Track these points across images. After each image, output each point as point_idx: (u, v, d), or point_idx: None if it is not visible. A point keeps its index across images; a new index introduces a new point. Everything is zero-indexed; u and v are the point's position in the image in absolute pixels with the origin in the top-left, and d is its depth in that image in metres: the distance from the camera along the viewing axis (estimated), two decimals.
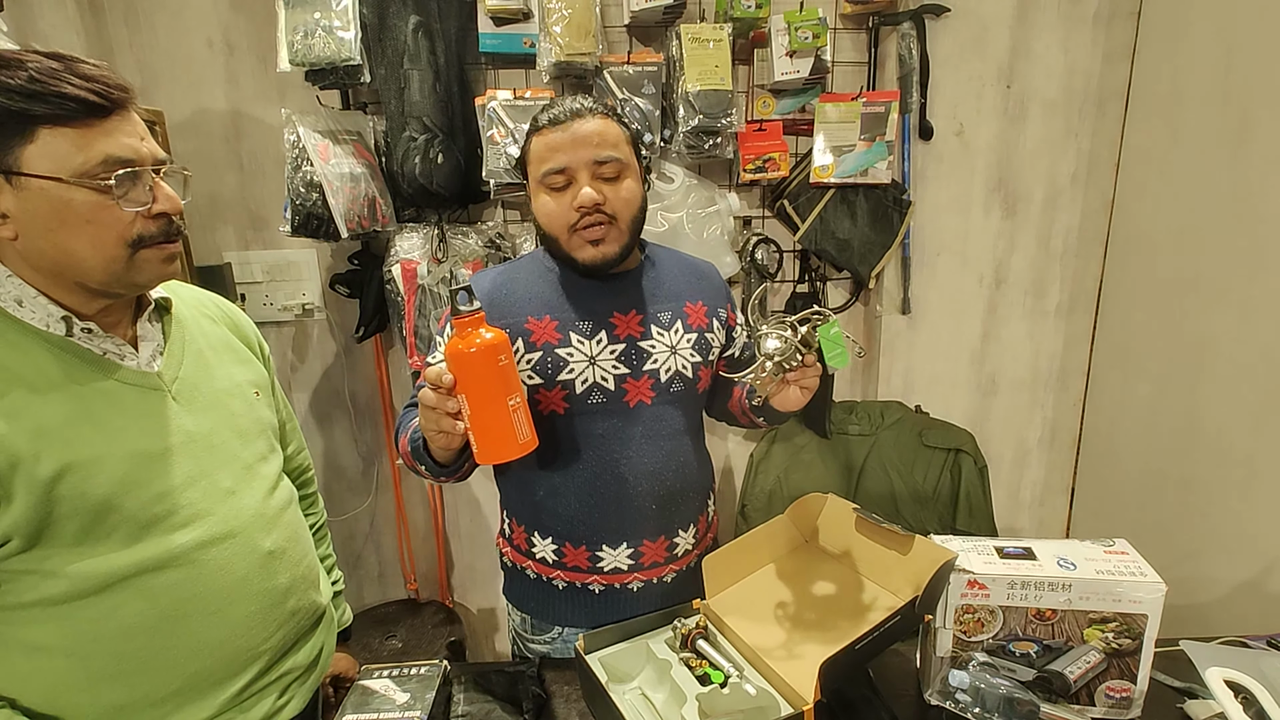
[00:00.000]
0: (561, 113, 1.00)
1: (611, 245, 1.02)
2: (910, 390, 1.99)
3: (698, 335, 1.10)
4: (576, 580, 1.12)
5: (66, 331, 0.76)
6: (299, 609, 0.92)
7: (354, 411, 1.97)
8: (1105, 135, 1.85)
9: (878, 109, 1.71)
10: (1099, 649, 0.93)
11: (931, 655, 0.98)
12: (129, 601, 0.76)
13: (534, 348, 1.04)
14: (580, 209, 0.99)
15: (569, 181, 1.00)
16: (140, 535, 0.77)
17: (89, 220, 0.72)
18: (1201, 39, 1.59)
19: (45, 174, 0.69)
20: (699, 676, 0.96)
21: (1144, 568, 0.93)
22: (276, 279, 1.86)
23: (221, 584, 0.82)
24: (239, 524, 0.85)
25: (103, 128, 0.72)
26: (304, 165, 1.56)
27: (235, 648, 0.84)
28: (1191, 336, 1.62)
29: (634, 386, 1.06)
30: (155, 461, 0.79)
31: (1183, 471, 1.65)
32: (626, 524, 1.08)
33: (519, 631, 1.21)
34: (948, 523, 1.83)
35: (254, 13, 1.70)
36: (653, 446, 1.07)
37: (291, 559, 0.92)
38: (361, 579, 2.12)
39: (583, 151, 0.98)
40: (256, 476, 0.90)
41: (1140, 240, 1.80)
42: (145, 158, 0.75)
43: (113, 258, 0.74)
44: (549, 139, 1.00)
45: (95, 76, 0.72)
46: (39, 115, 0.68)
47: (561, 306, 1.06)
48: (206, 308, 0.97)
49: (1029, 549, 0.99)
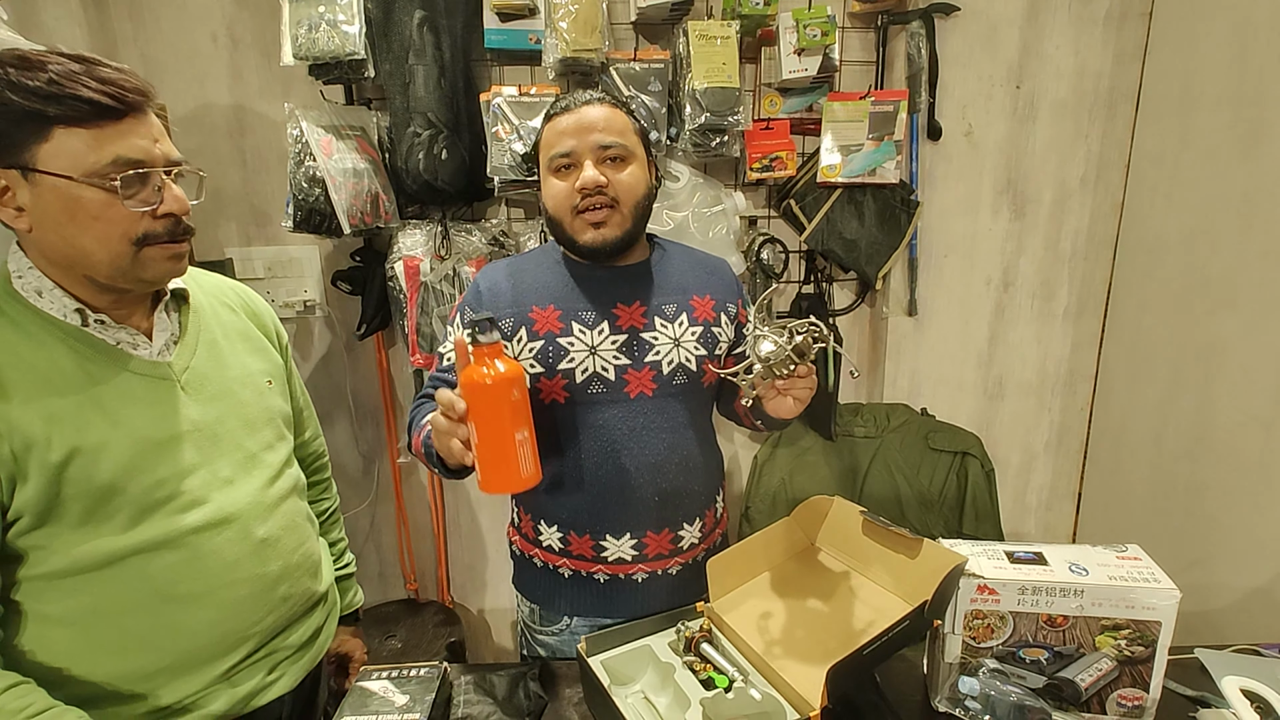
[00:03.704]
0: (572, 101, 1.04)
1: (613, 229, 1.03)
2: (916, 393, 1.97)
3: (703, 329, 1.10)
4: (582, 569, 1.12)
5: (82, 323, 0.80)
6: (291, 595, 0.95)
7: (355, 410, 1.95)
8: (1115, 137, 1.83)
9: (886, 108, 1.70)
10: (1111, 656, 0.91)
11: (940, 661, 0.96)
12: (129, 580, 0.81)
13: (536, 336, 1.05)
14: (582, 190, 1.01)
15: (574, 165, 1.02)
16: (141, 518, 0.81)
17: (96, 217, 0.75)
18: (1214, 41, 1.57)
19: (58, 172, 0.73)
20: (703, 681, 0.94)
21: (1157, 574, 0.91)
22: (278, 275, 1.85)
23: (214, 568, 0.86)
24: (235, 511, 0.88)
25: (116, 129, 0.75)
26: (307, 160, 1.54)
27: (225, 629, 0.88)
28: (1202, 340, 1.60)
29: (635, 377, 1.06)
30: (160, 449, 0.83)
31: (1193, 476, 1.63)
32: (629, 515, 1.09)
33: (527, 623, 1.22)
34: (954, 527, 1.81)
35: (258, 7, 1.69)
36: (654, 439, 1.07)
37: (285, 547, 0.94)
38: (361, 578, 2.06)
39: (589, 135, 1.01)
40: (258, 465, 0.93)
41: (1150, 243, 1.78)
42: (157, 159, 0.78)
43: (118, 254, 0.78)
44: (558, 124, 1.03)
45: (113, 80, 0.75)
46: (54, 116, 0.72)
47: (566, 296, 1.07)
48: (226, 295, 1.00)
49: (1040, 554, 0.97)
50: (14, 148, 0.72)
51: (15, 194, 0.74)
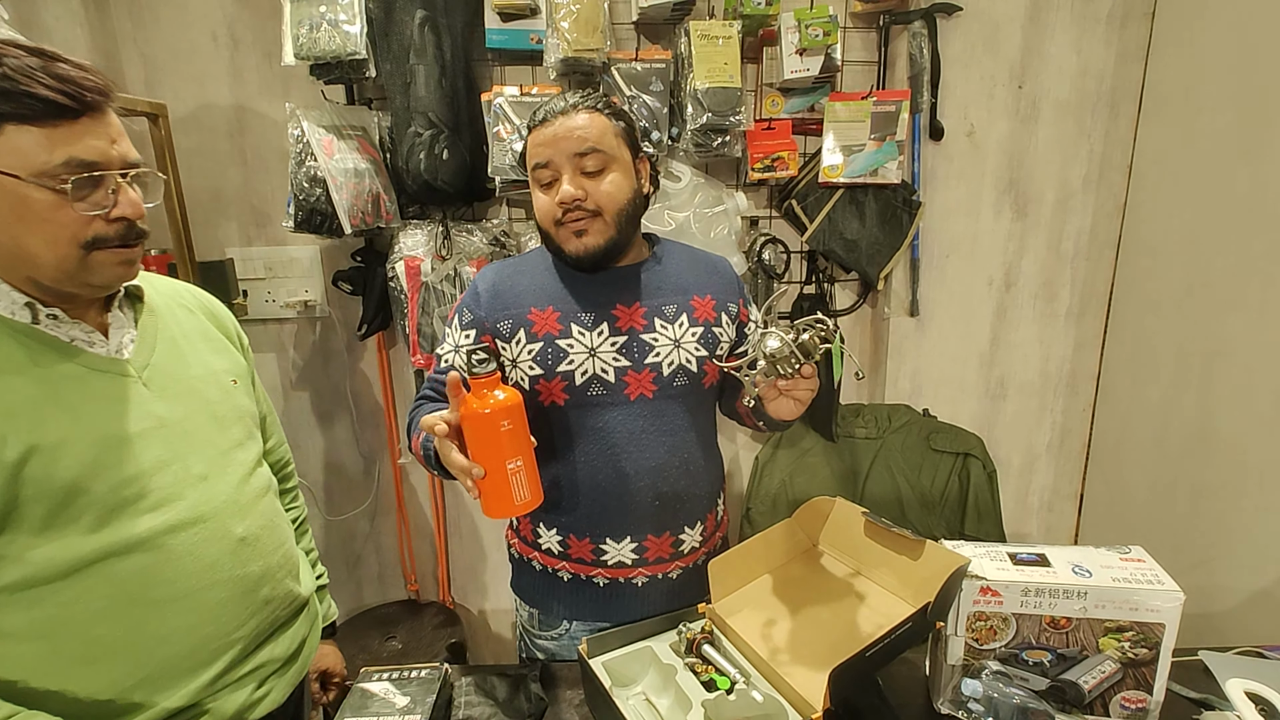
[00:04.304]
0: (549, 110, 1.03)
1: (596, 237, 1.03)
2: (918, 393, 1.97)
3: (704, 329, 1.09)
4: (581, 573, 1.11)
5: (32, 319, 0.76)
6: (273, 597, 0.92)
7: (355, 410, 1.95)
8: (1118, 137, 1.83)
9: (888, 108, 1.70)
10: (1114, 658, 0.91)
11: (942, 663, 0.96)
12: (96, 586, 0.76)
13: (535, 338, 1.04)
14: (561, 204, 1.01)
15: (555, 177, 1.02)
16: (108, 519, 0.76)
17: (44, 219, 0.71)
18: (1217, 40, 1.57)
19: (4, 170, 0.69)
20: (704, 682, 0.94)
21: (1161, 575, 0.91)
22: (279, 275, 1.84)
23: (190, 569, 0.82)
24: (210, 509, 0.84)
25: (71, 129, 0.71)
26: (308, 160, 1.54)
27: (205, 634, 0.83)
28: (1204, 341, 1.60)
29: (635, 379, 1.05)
30: (124, 445, 0.78)
31: (1195, 478, 1.63)
32: (629, 518, 1.08)
33: (526, 627, 1.21)
34: (955, 528, 1.81)
35: (259, 7, 1.69)
36: (654, 441, 1.06)
37: (265, 547, 0.91)
38: (361, 579, 2.10)
39: (564, 144, 1.00)
40: (232, 463, 0.90)
41: (1153, 243, 1.77)
42: (113, 161, 0.74)
43: (65, 256, 0.73)
44: (537, 135, 1.03)
45: (70, 78, 0.71)
46: (5, 113, 0.68)
47: (564, 298, 1.07)
48: (183, 297, 0.96)
49: (1043, 555, 0.97)
50: None
51: None
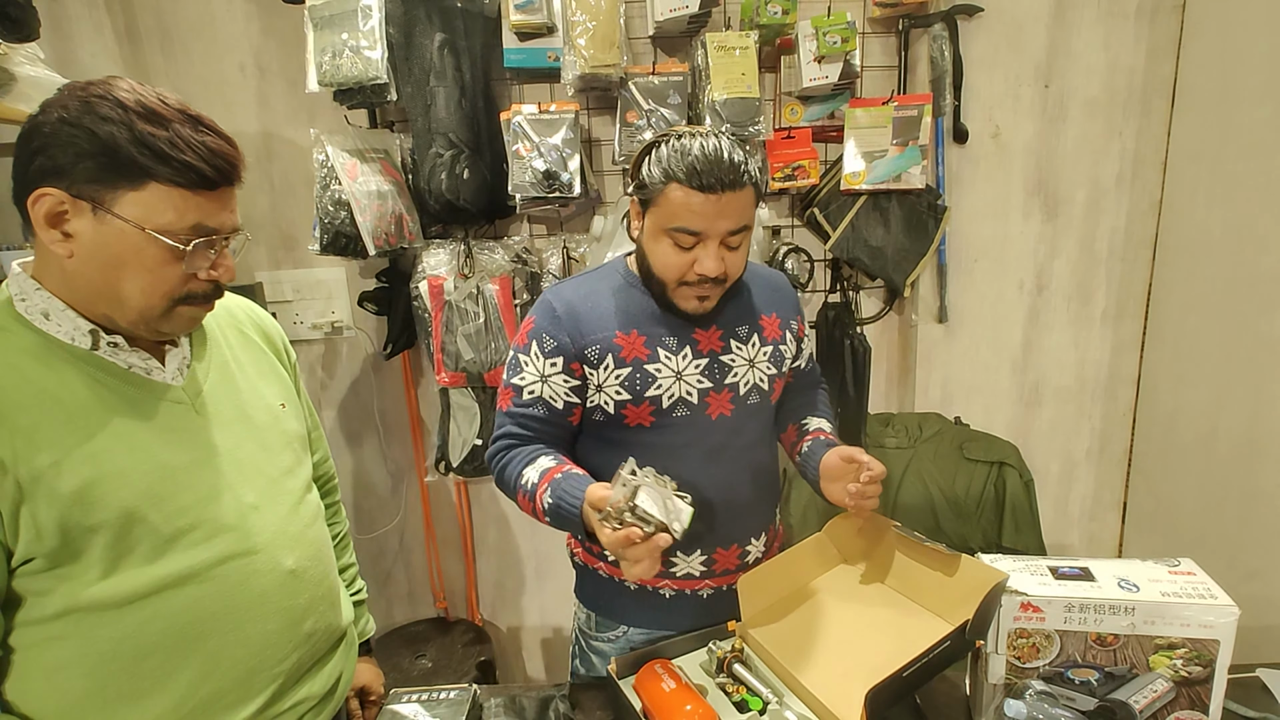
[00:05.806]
0: (718, 180, 0.93)
1: (714, 300, 1.04)
2: (949, 401, 1.92)
3: (773, 348, 1.12)
4: (648, 584, 1.13)
5: (93, 345, 0.76)
6: (315, 630, 0.91)
7: (383, 429, 1.97)
8: (1150, 134, 1.78)
9: (910, 113, 1.67)
10: (1166, 677, 0.87)
11: (983, 683, 0.92)
12: (151, 619, 0.76)
13: (624, 364, 1.04)
14: (701, 277, 0.98)
15: (697, 243, 0.97)
16: (164, 549, 0.77)
17: (150, 270, 0.74)
18: (1251, 30, 1.52)
19: (133, 219, 0.71)
20: (736, 703, 0.92)
21: (1213, 589, 0.87)
22: (306, 297, 1.87)
23: (241, 601, 0.82)
24: (261, 540, 0.84)
25: (206, 198, 0.75)
26: (332, 184, 1.57)
27: (249, 667, 0.83)
28: (1251, 339, 1.54)
29: (715, 400, 1.07)
30: (179, 474, 0.79)
31: (1245, 484, 1.56)
32: (702, 531, 1.09)
33: (583, 629, 1.23)
34: (993, 539, 1.76)
35: (284, 37, 1.73)
36: (730, 457, 1.09)
37: (312, 578, 0.90)
38: (391, 597, 2.11)
39: (722, 223, 0.96)
40: (281, 490, 0.90)
41: (1192, 241, 1.72)
42: (225, 228, 0.78)
43: (153, 306, 0.76)
44: (694, 199, 0.94)
45: (221, 152, 0.75)
46: (155, 173, 0.71)
47: (648, 323, 1.06)
48: (236, 317, 0.98)
49: (1086, 569, 0.93)
50: (99, 185, 0.70)
51: (71, 221, 0.71)
